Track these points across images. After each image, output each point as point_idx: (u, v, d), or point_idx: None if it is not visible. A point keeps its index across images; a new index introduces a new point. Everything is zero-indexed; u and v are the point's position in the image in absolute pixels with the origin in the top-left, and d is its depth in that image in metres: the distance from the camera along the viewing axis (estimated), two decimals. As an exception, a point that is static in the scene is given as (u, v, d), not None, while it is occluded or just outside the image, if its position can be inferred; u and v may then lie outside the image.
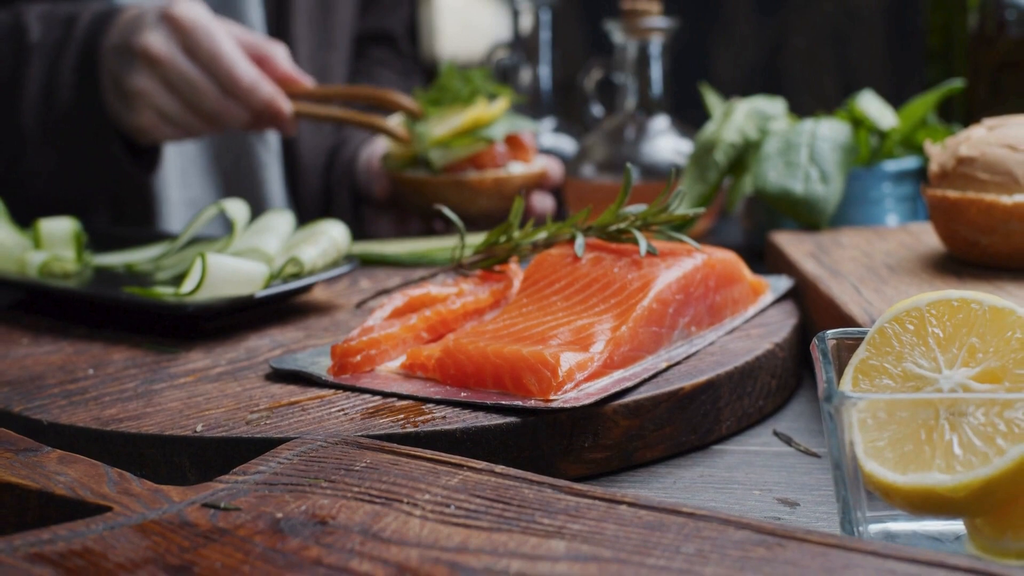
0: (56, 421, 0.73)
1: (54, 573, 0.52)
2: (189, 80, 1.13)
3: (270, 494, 0.59)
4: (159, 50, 1.12)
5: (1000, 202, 0.87)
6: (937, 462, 0.57)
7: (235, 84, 1.13)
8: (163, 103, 1.14)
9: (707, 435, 0.76)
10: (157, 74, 1.13)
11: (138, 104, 1.14)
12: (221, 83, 1.14)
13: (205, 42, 1.13)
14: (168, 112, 1.15)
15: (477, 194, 1.20)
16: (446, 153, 1.20)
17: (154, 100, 1.14)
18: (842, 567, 0.51)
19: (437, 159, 1.20)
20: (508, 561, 0.52)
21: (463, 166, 1.21)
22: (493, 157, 1.21)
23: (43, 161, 1.18)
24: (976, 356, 0.59)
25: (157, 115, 1.15)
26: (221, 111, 1.14)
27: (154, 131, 1.16)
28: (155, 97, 1.14)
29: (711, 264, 0.84)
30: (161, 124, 1.16)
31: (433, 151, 1.20)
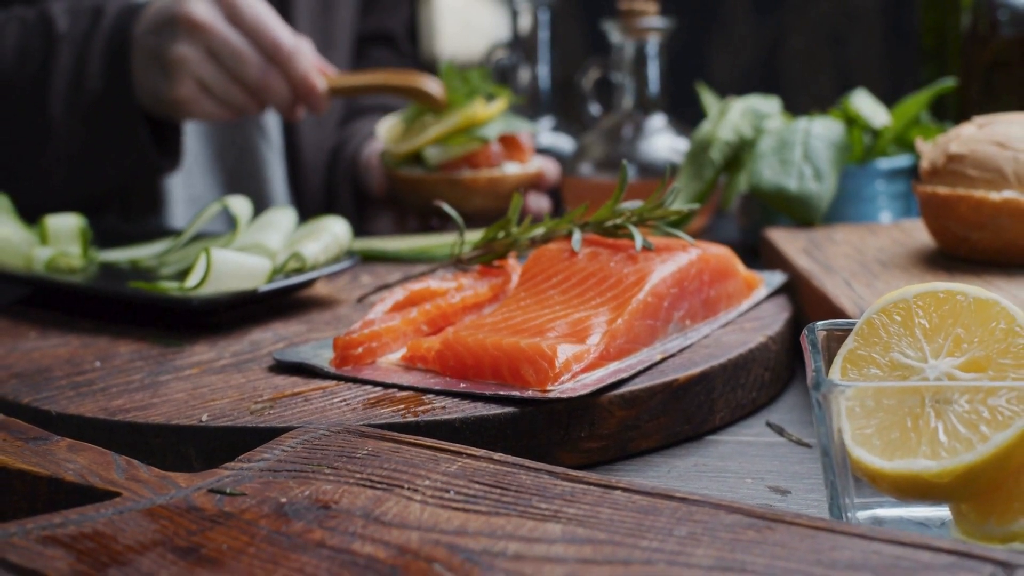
0: (64, 411, 0.75)
1: (66, 555, 0.53)
2: (232, 47, 1.13)
3: (274, 480, 0.61)
4: (202, 16, 1.12)
5: (989, 198, 0.89)
6: (923, 449, 0.58)
7: (278, 50, 1.14)
8: (205, 72, 1.14)
9: (701, 425, 0.78)
10: (200, 41, 1.13)
11: (179, 74, 1.13)
12: (264, 49, 1.14)
13: (248, 10, 1.14)
14: (209, 82, 1.14)
15: (471, 193, 1.21)
16: (441, 151, 1.21)
17: (196, 69, 1.13)
18: (829, 549, 0.52)
19: (432, 157, 1.22)
20: (506, 543, 0.53)
21: (458, 165, 1.22)
22: (488, 157, 1.22)
23: (67, 148, 1.18)
24: (961, 346, 0.61)
25: (197, 86, 1.14)
26: (263, 80, 1.14)
27: (193, 104, 1.15)
28: (197, 66, 1.13)
29: (705, 259, 0.85)
30: (201, 96, 1.15)
31: (429, 149, 1.21)
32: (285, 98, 1.17)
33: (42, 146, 1.18)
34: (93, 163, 1.19)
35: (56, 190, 1.20)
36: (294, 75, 1.16)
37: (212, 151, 1.40)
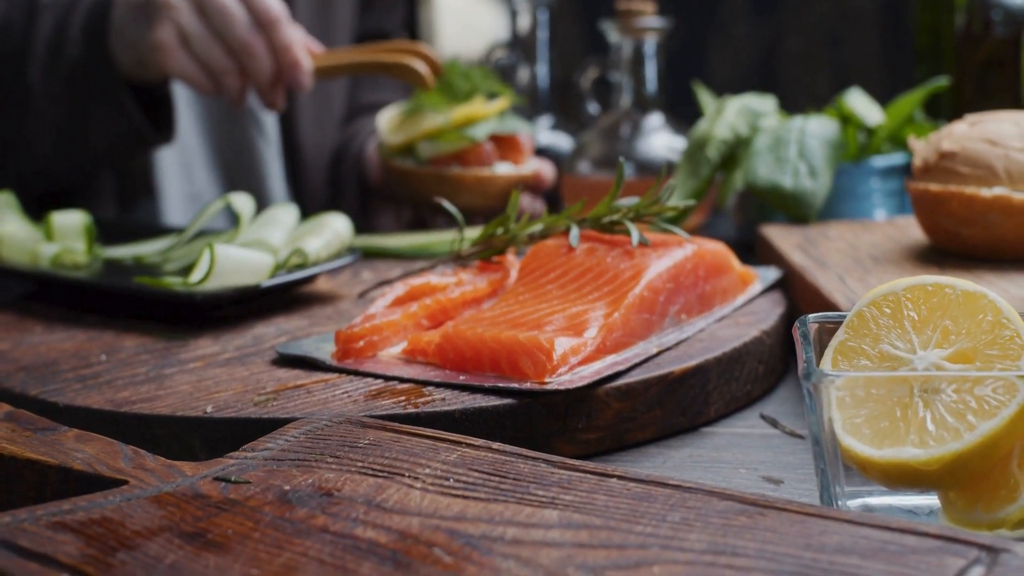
0: (71, 403, 0.76)
1: (75, 539, 0.55)
2: (220, 3, 1.13)
3: (278, 469, 0.62)
4: None
5: (980, 195, 0.91)
6: (911, 437, 0.60)
7: (266, 13, 1.13)
8: (188, 21, 1.13)
9: (696, 417, 0.79)
10: None
11: (163, 18, 1.13)
12: (252, 10, 1.13)
13: None
14: (191, 32, 1.13)
15: (459, 189, 1.23)
16: (432, 146, 1.23)
17: (179, 17, 1.13)
18: (819, 533, 0.54)
19: (423, 151, 1.24)
20: (504, 529, 0.55)
21: (448, 161, 1.24)
22: (479, 155, 1.24)
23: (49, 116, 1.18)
24: (949, 338, 0.63)
25: (178, 34, 1.13)
26: (246, 41, 1.13)
27: (171, 53, 1.13)
28: (181, 13, 1.13)
29: (701, 254, 0.87)
30: (180, 48, 1.14)
31: (422, 143, 1.23)
32: (266, 68, 1.15)
33: (24, 115, 1.18)
34: (77, 131, 1.18)
35: (41, 161, 1.19)
36: (279, 43, 1.14)
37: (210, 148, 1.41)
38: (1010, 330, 0.62)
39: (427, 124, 1.23)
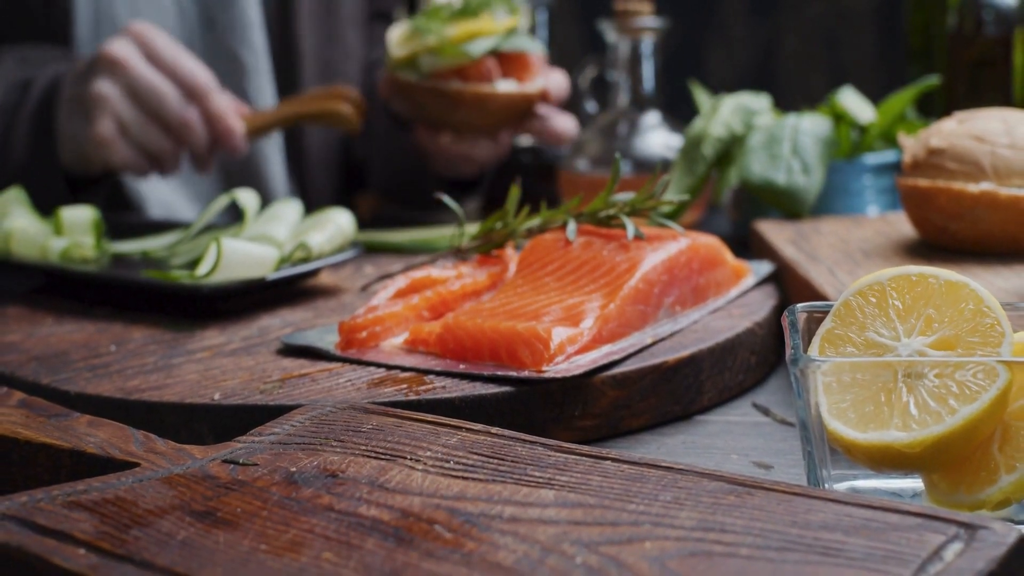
0: (83, 391, 0.78)
1: (89, 517, 0.57)
2: (150, 83, 1.15)
3: (284, 452, 0.65)
4: (121, 54, 1.15)
5: (967, 190, 0.93)
6: (895, 421, 0.62)
7: (195, 86, 1.16)
8: (123, 110, 1.16)
9: (690, 406, 0.81)
10: (119, 79, 1.15)
11: (99, 111, 1.15)
12: (182, 85, 1.16)
13: (165, 49, 1.17)
14: (128, 120, 1.16)
15: (456, 105, 1.21)
16: (433, 60, 1.21)
17: (115, 106, 1.15)
18: (804, 512, 0.56)
19: (424, 64, 1.22)
20: (502, 507, 0.57)
21: (448, 75, 1.21)
22: (480, 71, 1.21)
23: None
24: (932, 326, 0.65)
25: (117, 125, 1.16)
26: (180, 118, 1.16)
27: (112, 146, 1.16)
28: (116, 103, 1.15)
29: (695, 248, 0.89)
30: (119, 139, 1.16)
31: (424, 56, 1.21)
32: (202, 138, 1.17)
33: None
34: None
35: None
36: (212, 112, 1.17)
37: None
38: (991, 318, 0.64)
39: (431, 37, 1.20)
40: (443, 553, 0.53)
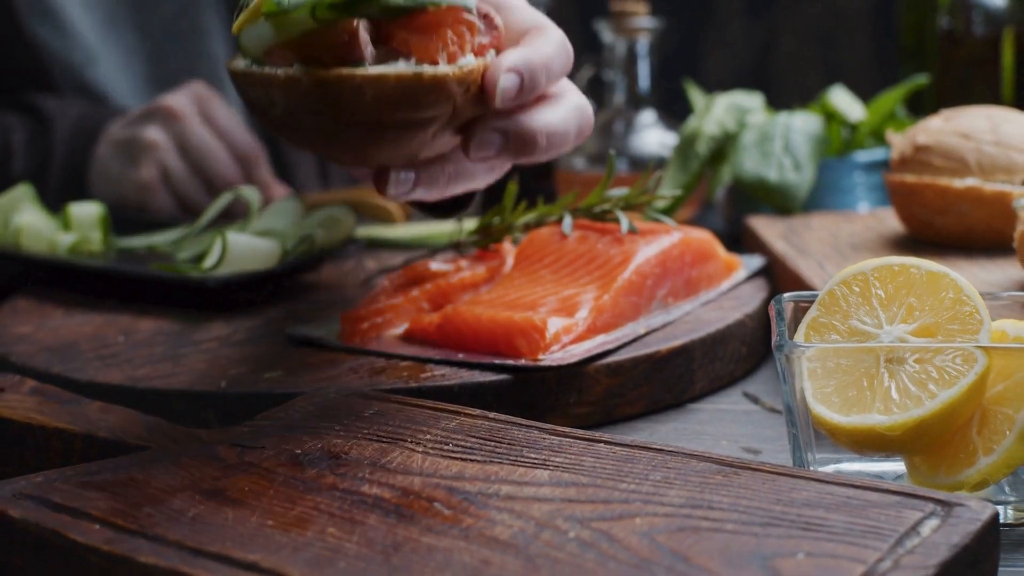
0: (93, 380, 0.81)
1: (103, 496, 0.59)
2: (201, 139, 1.18)
3: (289, 435, 0.67)
4: (180, 106, 1.19)
5: (953, 186, 0.95)
6: (877, 405, 0.64)
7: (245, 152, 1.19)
8: (171, 160, 1.19)
9: (681, 394, 0.84)
10: (172, 130, 1.19)
11: (146, 157, 1.18)
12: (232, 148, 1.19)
13: (222, 111, 1.20)
14: (173, 170, 1.19)
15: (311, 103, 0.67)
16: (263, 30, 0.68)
17: (163, 155, 1.18)
18: (788, 490, 0.58)
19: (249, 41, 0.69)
20: (499, 486, 0.60)
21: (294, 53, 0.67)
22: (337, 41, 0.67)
23: None
24: (914, 314, 0.67)
25: (161, 172, 1.19)
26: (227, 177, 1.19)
27: (153, 192, 1.19)
28: (165, 152, 1.18)
29: (687, 242, 0.91)
30: (161, 186, 1.19)
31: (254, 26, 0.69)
32: None
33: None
34: None
35: None
36: (256, 179, 1.20)
37: None
38: (970, 306, 0.66)
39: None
40: (442, 528, 0.56)
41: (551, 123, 0.71)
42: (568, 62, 0.73)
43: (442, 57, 0.66)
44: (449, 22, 0.67)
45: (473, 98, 0.68)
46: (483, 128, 0.69)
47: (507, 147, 0.70)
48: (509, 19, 0.73)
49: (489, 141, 0.69)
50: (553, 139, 0.71)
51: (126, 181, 1.20)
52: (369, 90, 0.65)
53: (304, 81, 0.65)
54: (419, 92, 0.66)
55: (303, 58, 0.66)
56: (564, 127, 0.72)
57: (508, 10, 0.73)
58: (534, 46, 0.70)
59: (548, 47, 0.71)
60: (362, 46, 0.66)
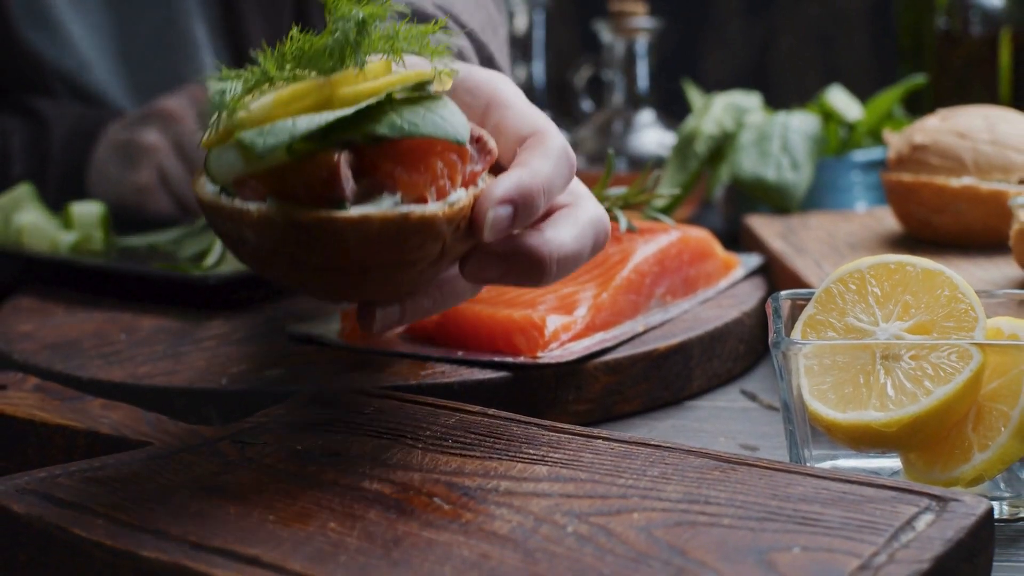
0: (95, 377, 0.81)
1: (106, 491, 0.60)
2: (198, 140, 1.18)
3: (290, 432, 0.68)
4: (176, 109, 1.19)
5: (949, 185, 0.96)
6: (873, 402, 0.65)
7: None
8: (169, 162, 1.19)
9: (680, 392, 0.84)
10: (169, 132, 1.19)
11: (144, 161, 1.19)
12: None
13: None
14: (171, 172, 1.19)
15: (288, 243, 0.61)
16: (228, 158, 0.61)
17: (161, 158, 1.19)
18: (785, 485, 0.59)
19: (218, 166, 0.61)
20: (498, 482, 0.60)
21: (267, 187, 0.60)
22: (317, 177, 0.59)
23: None
24: (909, 311, 0.68)
25: (159, 175, 1.19)
26: None
27: (151, 194, 1.19)
28: (163, 155, 1.19)
29: (686, 240, 0.92)
30: (159, 188, 1.19)
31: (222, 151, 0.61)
32: None
33: None
34: None
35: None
36: None
37: None
38: (965, 304, 0.67)
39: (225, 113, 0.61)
40: (442, 523, 0.56)
41: (561, 244, 0.64)
42: (571, 172, 0.66)
43: (431, 193, 0.60)
44: (439, 151, 0.61)
45: (464, 233, 0.62)
46: (482, 252, 0.63)
47: (510, 273, 0.64)
48: (504, 122, 0.67)
49: (489, 267, 0.63)
50: (565, 262, 0.64)
51: (124, 184, 1.21)
52: (351, 234, 0.59)
53: (279, 222, 0.59)
54: (406, 234, 0.59)
55: (277, 193, 0.59)
56: (577, 246, 0.65)
57: (504, 110, 0.67)
58: (530, 165, 0.63)
59: (546, 164, 0.63)
60: (343, 182, 0.59)
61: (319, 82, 0.60)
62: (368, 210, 0.59)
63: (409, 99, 0.61)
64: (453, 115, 0.61)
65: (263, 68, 0.61)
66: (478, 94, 0.67)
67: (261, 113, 0.59)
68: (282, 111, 0.59)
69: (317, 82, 0.60)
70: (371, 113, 0.60)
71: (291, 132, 0.58)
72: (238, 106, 0.59)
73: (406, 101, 0.61)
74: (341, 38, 0.60)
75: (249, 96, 0.60)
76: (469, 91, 0.67)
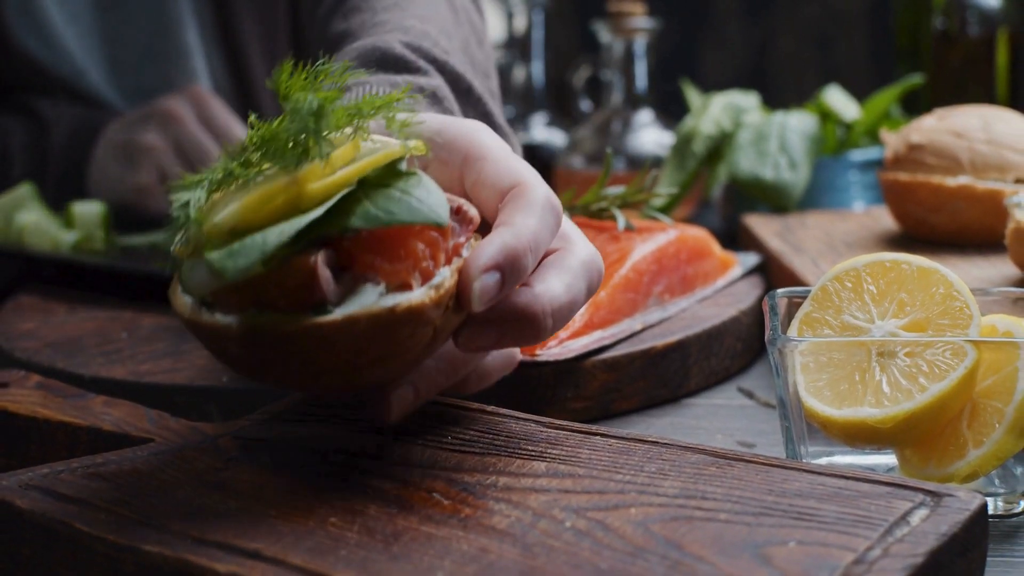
0: (97, 375, 0.82)
1: (108, 486, 0.61)
2: (198, 141, 1.19)
3: (290, 429, 0.68)
4: (176, 109, 1.19)
5: (946, 184, 0.97)
6: (868, 398, 0.66)
7: None
8: (168, 162, 1.19)
9: (677, 390, 0.85)
10: (170, 132, 1.19)
11: (144, 161, 1.19)
12: None
13: (219, 114, 1.21)
14: (170, 173, 1.19)
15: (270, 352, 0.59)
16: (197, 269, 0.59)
17: (161, 158, 1.19)
18: (781, 481, 0.60)
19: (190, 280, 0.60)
20: (496, 477, 0.61)
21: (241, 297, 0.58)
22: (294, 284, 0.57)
23: None
24: (905, 309, 0.68)
25: (159, 176, 1.20)
26: None
27: (151, 194, 1.20)
28: (162, 155, 1.19)
29: (683, 239, 0.93)
30: (159, 188, 1.20)
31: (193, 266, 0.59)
32: None
33: None
34: None
35: None
36: None
37: None
38: (960, 301, 0.67)
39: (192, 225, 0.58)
40: (441, 518, 0.57)
41: (553, 297, 0.62)
42: (557, 222, 0.64)
43: (415, 278, 0.57)
44: (418, 232, 0.58)
45: (455, 311, 0.59)
46: (474, 323, 0.61)
47: (505, 337, 0.61)
48: (484, 177, 0.64)
49: (483, 336, 0.61)
50: (560, 314, 0.62)
51: (124, 184, 1.21)
52: (339, 336, 0.56)
53: (261, 335, 0.56)
54: (395, 326, 0.57)
55: (256, 302, 0.57)
56: (569, 295, 0.62)
57: (482, 163, 0.65)
58: (514, 224, 0.61)
59: (530, 220, 0.61)
60: (323, 285, 0.56)
61: (286, 181, 0.56)
62: (353, 310, 0.56)
63: (381, 181, 0.58)
64: (429, 194, 0.58)
65: (226, 166, 0.59)
66: (454, 149, 0.65)
67: (229, 221, 0.56)
68: (251, 216, 0.56)
69: (283, 181, 0.56)
70: (344, 205, 0.57)
71: (262, 249, 0.55)
72: (204, 219, 0.57)
73: (379, 184, 0.58)
74: (300, 127, 0.57)
75: (218, 194, 0.58)
76: (445, 146, 0.65)
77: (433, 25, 0.84)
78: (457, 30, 0.87)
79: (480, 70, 0.87)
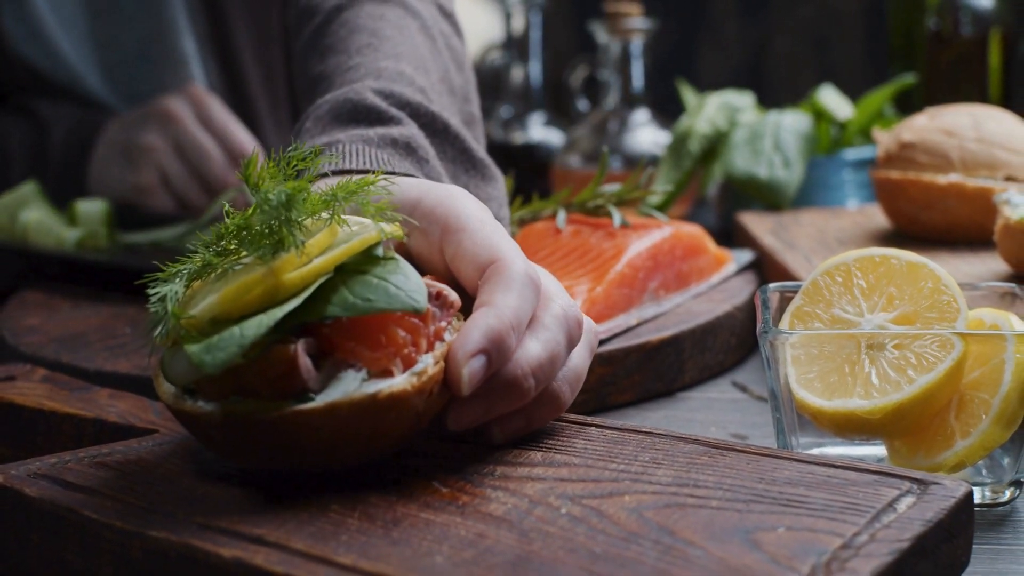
0: (101, 369, 0.83)
1: (114, 475, 0.62)
2: (199, 142, 1.20)
3: (293, 420, 0.69)
4: (175, 109, 1.21)
5: (937, 182, 0.98)
6: (858, 390, 0.67)
7: (243, 149, 1.21)
8: (168, 163, 1.21)
9: (672, 383, 0.86)
10: (169, 133, 1.20)
11: (145, 161, 1.20)
12: (228, 150, 1.21)
13: (218, 113, 1.22)
14: (171, 173, 1.21)
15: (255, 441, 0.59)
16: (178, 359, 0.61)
17: (161, 158, 1.20)
18: (771, 469, 0.61)
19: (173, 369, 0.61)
20: (493, 466, 0.62)
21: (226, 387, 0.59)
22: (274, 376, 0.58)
23: None
24: (894, 303, 0.70)
25: (159, 175, 1.21)
26: (224, 179, 1.20)
27: (151, 194, 1.21)
28: (162, 155, 1.20)
29: (678, 236, 0.94)
30: (160, 188, 1.21)
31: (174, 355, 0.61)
32: None
33: None
34: None
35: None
36: None
37: None
38: (947, 295, 0.69)
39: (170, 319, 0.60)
40: (439, 505, 0.58)
41: (531, 357, 0.62)
42: (536, 297, 0.64)
43: (396, 365, 0.58)
44: (397, 318, 0.58)
45: (439, 394, 0.60)
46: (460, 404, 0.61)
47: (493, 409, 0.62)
48: (462, 251, 0.65)
49: (470, 413, 0.62)
50: (541, 372, 0.62)
51: (124, 184, 1.22)
52: (321, 422, 0.57)
53: (244, 423, 0.57)
54: (377, 413, 0.57)
55: (238, 390, 0.58)
56: (548, 352, 0.63)
57: (460, 236, 0.65)
58: (495, 304, 0.61)
59: (510, 298, 0.62)
60: (304, 373, 0.57)
61: (262, 272, 0.57)
62: (335, 397, 0.57)
63: (359, 267, 0.59)
64: (407, 280, 0.58)
65: (203, 257, 0.60)
66: (433, 219, 0.66)
67: (207, 313, 0.57)
68: (228, 308, 0.57)
69: (260, 272, 0.57)
70: (322, 293, 0.57)
71: (239, 343, 0.55)
72: (181, 313, 0.58)
73: (356, 271, 0.58)
74: (272, 217, 0.58)
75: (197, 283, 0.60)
76: (424, 217, 0.66)
77: (408, 62, 0.84)
78: (435, 60, 0.87)
79: (460, 95, 0.88)
